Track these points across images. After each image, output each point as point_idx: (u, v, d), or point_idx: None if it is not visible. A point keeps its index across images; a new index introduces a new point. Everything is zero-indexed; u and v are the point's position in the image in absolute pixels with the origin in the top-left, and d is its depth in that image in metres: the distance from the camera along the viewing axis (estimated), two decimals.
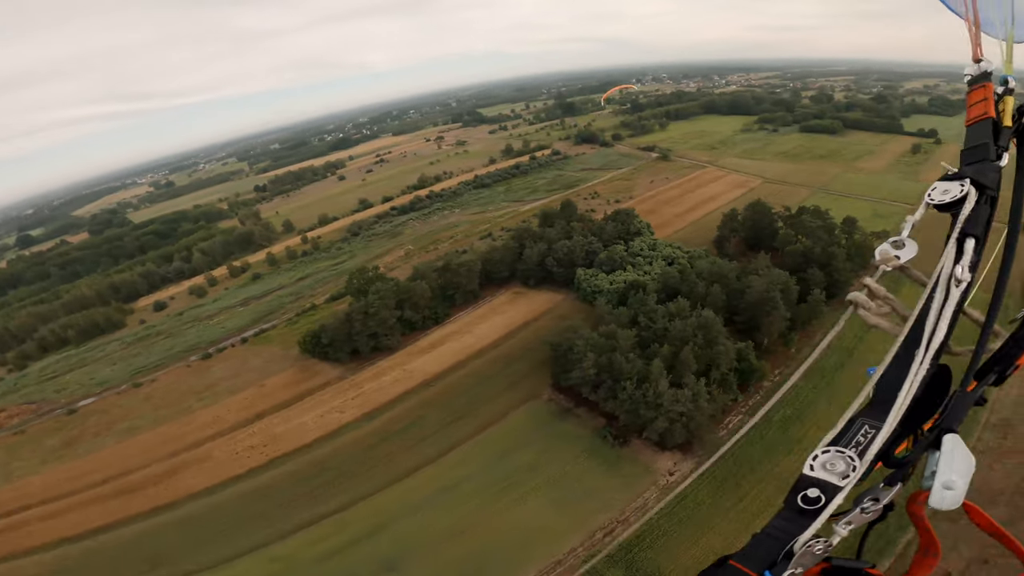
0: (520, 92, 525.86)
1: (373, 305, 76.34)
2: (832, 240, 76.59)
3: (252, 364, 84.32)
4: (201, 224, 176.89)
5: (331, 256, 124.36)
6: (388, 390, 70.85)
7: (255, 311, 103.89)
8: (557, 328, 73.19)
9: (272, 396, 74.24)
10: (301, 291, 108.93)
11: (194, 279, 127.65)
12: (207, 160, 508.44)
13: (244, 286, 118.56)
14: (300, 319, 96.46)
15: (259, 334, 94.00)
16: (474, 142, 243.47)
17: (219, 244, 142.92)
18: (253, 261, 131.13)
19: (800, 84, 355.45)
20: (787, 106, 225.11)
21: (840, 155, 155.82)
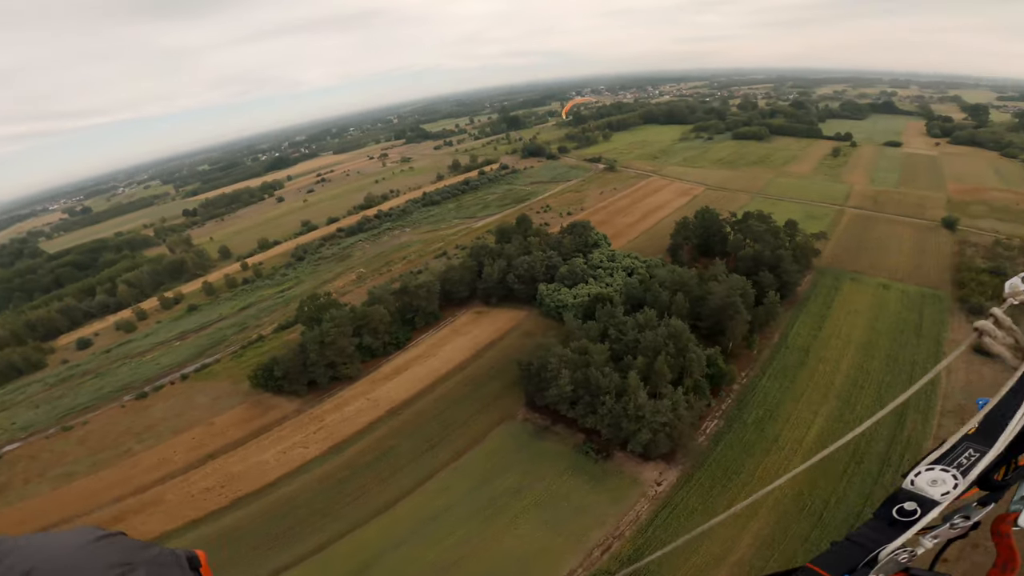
0: (462, 107, 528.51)
1: (329, 333, 72.16)
2: (779, 243, 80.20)
3: (197, 402, 77.70)
4: (125, 253, 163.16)
5: (276, 283, 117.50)
6: (353, 421, 67.06)
7: (195, 345, 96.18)
8: (524, 346, 72.22)
9: (223, 435, 68.72)
10: (245, 321, 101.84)
11: (121, 313, 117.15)
12: (127, 183, 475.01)
13: (179, 319, 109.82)
14: (247, 351, 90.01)
15: (201, 369, 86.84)
16: (420, 158, 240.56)
17: (147, 274, 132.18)
18: (187, 291, 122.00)
19: (727, 93, 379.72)
20: (718, 114, 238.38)
21: (770, 160, 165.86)
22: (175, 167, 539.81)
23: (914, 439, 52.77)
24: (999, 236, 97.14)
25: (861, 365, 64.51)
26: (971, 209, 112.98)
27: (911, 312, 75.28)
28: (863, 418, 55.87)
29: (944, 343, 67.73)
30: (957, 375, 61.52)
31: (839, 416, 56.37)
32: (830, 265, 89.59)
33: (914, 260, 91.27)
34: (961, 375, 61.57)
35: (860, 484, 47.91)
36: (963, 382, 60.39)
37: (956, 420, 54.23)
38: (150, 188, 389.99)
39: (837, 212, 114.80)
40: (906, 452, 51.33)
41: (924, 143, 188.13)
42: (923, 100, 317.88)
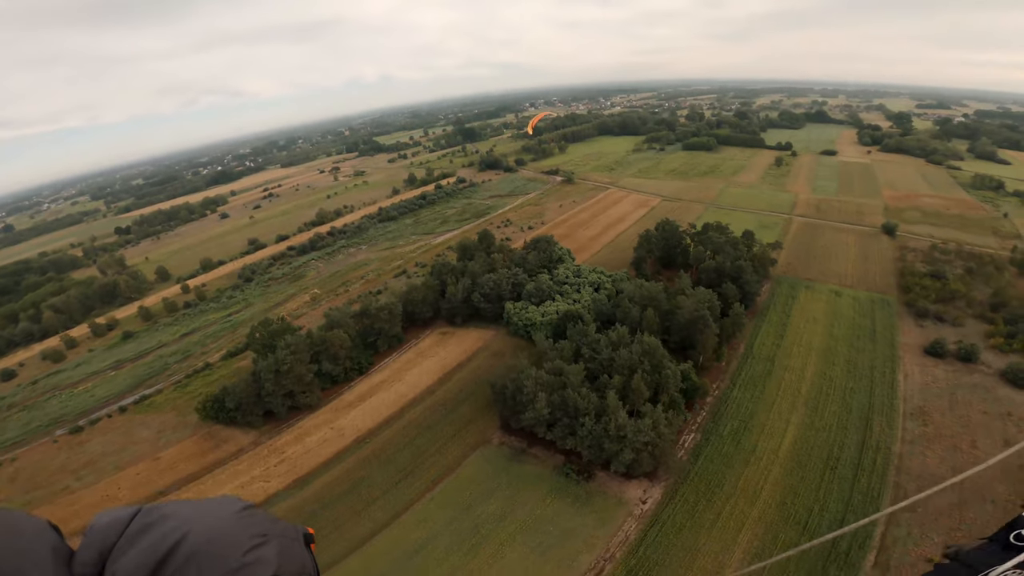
0: (416, 119, 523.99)
1: (284, 361, 67.30)
2: (738, 254, 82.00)
3: (139, 435, 71.24)
4: (50, 275, 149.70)
5: (222, 306, 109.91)
6: (317, 452, 62.87)
7: (133, 375, 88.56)
8: (494, 367, 70.39)
9: (173, 470, 63.32)
10: (189, 349, 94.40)
11: (47, 341, 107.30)
12: (53, 199, 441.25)
13: (113, 346, 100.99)
14: (192, 381, 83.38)
15: (141, 401, 79.90)
16: (373, 172, 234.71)
17: (75, 299, 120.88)
18: (122, 316, 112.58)
19: (674, 104, 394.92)
20: (668, 125, 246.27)
21: (719, 170, 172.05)
22: (106, 182, 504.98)
23: (883, 443, 54.06)
24: (935, 241, 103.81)
25: (824, 372, 66.27)
26: (906, 215, 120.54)
27: (864, 318, 78.47)
28: (831, 425, 57.16)
29: (898, 347, 70.55)
30: (913, 378, 64.36)
31: (810, 423, 57.41)
32: (785, 273, 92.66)
33: (860, 266, 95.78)
34: (917, 378, 64.44)
35: (839, 491, 48.68)
36: (920, 384, 63.28)
37: (919, 422, 56.19)
38: (78, 204, 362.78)
39: (786, 221, 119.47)
40: (877, 456, 52.45)
41: (857, 151, 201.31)
42: (851, 109, 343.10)
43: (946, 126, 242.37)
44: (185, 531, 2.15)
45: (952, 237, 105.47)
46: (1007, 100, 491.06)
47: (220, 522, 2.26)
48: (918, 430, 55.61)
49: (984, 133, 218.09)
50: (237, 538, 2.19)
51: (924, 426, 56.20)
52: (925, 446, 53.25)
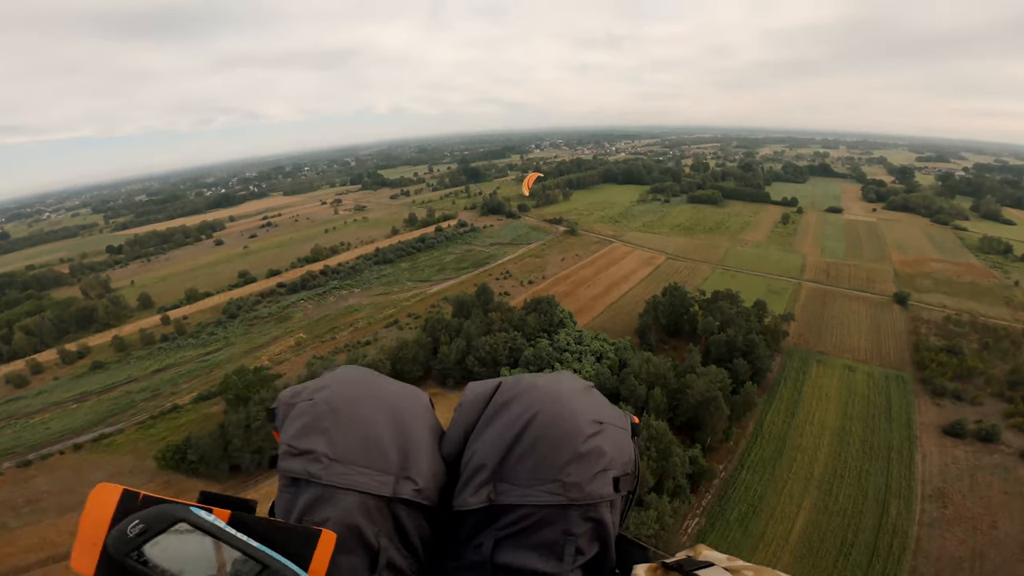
0: (423, 154, 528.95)
1: (257, 417, 61.68)
2: (750, 326, 77.21)
3: (89, 477, 64.58)
4: (30, 292, 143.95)
5: (200, 343, 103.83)
6: None
7: (95, 409, 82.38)
8: None
9: None
10: (159, 386, 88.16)
11: (13, 364, 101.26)
12: (55, 208, 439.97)
13: (80, 376, 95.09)
14: (158, 422, 77.22)
15: (99, 439, 73.80)
16: (375, 208, 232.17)
17: (50, 321, 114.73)
18: (95, 344, 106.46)
19: (678, 152, 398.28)
20: (673, 175, 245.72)
21: (726, 227, 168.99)
22: (110, 195, 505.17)
23: (900, 527, 50.59)
24: (948, 311, 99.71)
25: (838, 453, 61.91)
26: (917, 283, 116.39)
27: (879, 395, 73.68)
28: (846, 509, 52.57)
29: (915, 426, 66.54)
30: (932, 459, 60.56)
31: (823, 507, 53.64)
32: (796, 346, 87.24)
33: (873, 339, 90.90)
34: (936, 459, 60.70)
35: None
36: (939, 465, 59.56)
37: (938, 504, 53.37)
38: (78, 216, 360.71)
39: (795, 287, 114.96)
40: (893, 540, 49.04)
41: (862, 208, 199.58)
42: (853, 162, 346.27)
43: (948, 182, 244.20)
44: (535, 411, 2.10)
45: (965, 308, 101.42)
46: (1004, 152, 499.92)
47: (566, 403, 2.14)
48: (937, 512, 52.48)
49: (987, 190, 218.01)
50: (578, 424, 2.08)
51: (943, 508, 53.12)
52: (944, 528, 50.35)
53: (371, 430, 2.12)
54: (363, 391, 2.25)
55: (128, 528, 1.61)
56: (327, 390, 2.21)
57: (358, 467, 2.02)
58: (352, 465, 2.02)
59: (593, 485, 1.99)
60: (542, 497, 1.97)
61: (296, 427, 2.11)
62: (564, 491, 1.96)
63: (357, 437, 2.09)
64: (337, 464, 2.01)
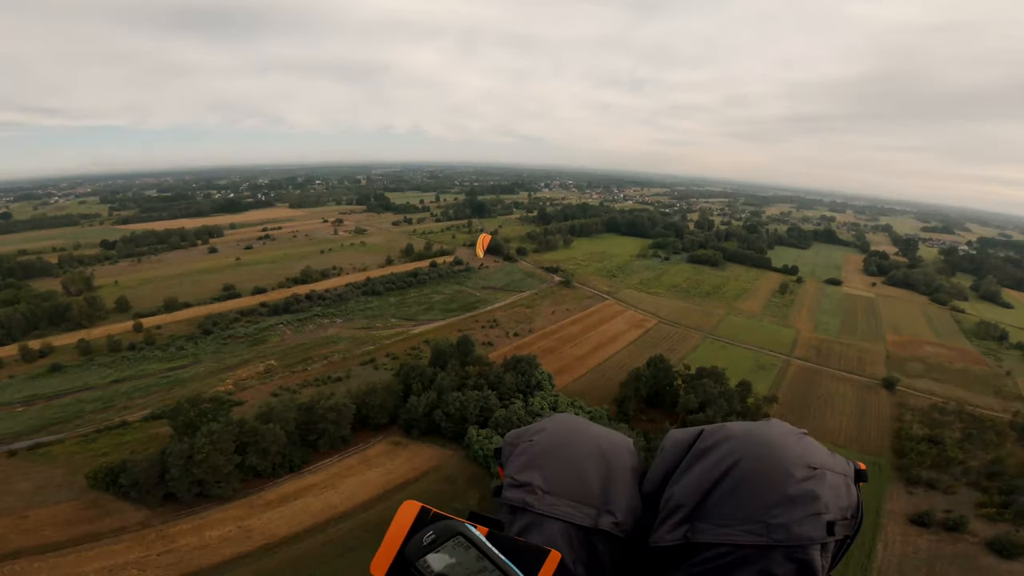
0: (433, 180, 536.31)
1: (202, 450, 58.51)
2: (731, 408, 74.50)
3: (15, 487, 62.13)
4: (10, 282, 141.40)
5: (168, 357, 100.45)
6: (215, 551, 53.32)
7: (40, 415, 79.26)
8: (442, 493, 62.04)
9: (35, 532, 54.38)
10: (113, 398, 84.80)
11: None
12: (65, 193, 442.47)
13: (36, 377, 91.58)
14: (101, 437, 73.71)
15: (36, 447, 70.51)
16: (375, 232, 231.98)
17: (22, 314, 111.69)
18: (60, 344, 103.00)
19: (686, 204, 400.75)
20: (677, 231, 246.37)
21: (723, 292, 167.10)
22: (123, 186, 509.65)
23: None
24: (935, 399, 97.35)
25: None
26: (908, 367, 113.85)
27: None
28: None
29: (883, 514, 64.26)
30: (892, 548, 58.38)
31: None
32: None
33: (856, 424, 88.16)
34: (897, 547, 58.47)
35: None
36: (899, 554, 57.46)
37: None
38: (85, 204, 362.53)
39: (784, 363, 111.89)
40: None
41: (862, 282, 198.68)
42: (859, 229, 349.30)
43: (951, 257, 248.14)
44: (740, 456, 2.20)
45: (953, 395, 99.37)
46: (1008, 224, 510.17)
47: (775, 449, 2.20)
48: None
49: (989, 268, 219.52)
50: (787, 468, 2.12)
51: None
52: None
53: (579, 468, 2.47)
54: (574, 434, 2.65)
55: (424, 537, 2.07)
56: (544, 433, 2.65)
57: (565, 499, 2.36)
58: (560, 497, 2.36)
59: (802, 528, 2.01)
60: (741, 537, 2.04)
61: (518, 464, 2.53)
62: (767, 532, 2.02)
63: (566, 473, 2.45)
64: (548, 496, 2.36)
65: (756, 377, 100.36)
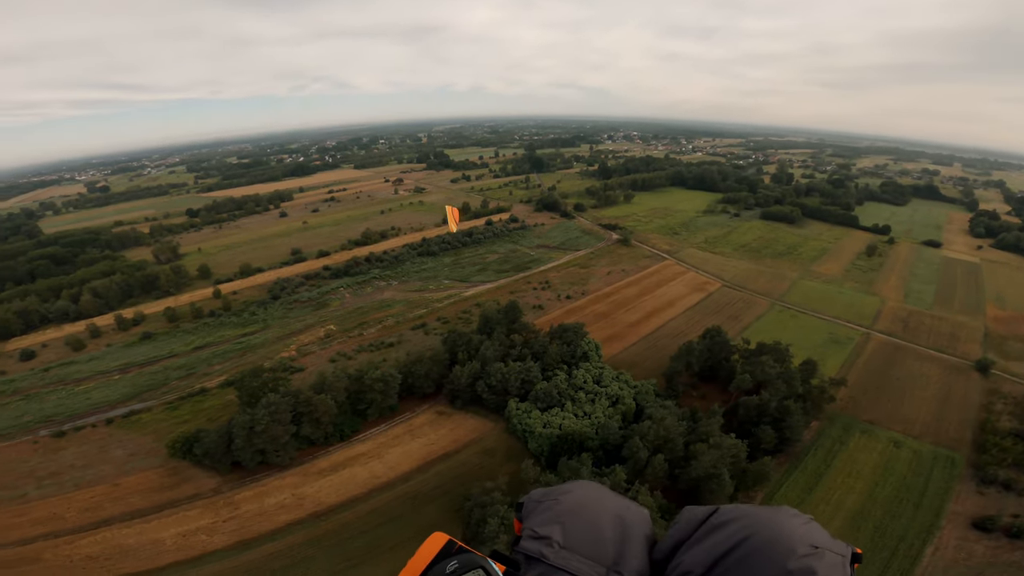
0: (493, 135, 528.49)
1: (261, 421, 62.90)
2: (791, 390, 68.84)
3: (111, 454, 69.53)
4: (107, 253, 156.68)
5: (242, 322, 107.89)
6: (271, 517, 58.10)
7: (133, 382, 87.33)
8: (481, 467, 63.55)
9: (125, 500, 60.98)
10: (195, 365, 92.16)
11: (77, 324, 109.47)
12: (157, 164, 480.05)
13: (130, 345, 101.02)
14: (183, 404, 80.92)
15: (129, 416, 78.17)
16: (434, 191, 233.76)
17: (117, 286, 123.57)
18: (150, 312, 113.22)
19: (762, 156, 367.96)
20: (750, 185, 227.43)
21: (798, 252, 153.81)
22: (207, 154, 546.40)
23: None
24: None
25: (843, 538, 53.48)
26: (1008, 347, 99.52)
27: (918, 477, 64.43)
28: None
29: (944, 516, 58.50)
30: (943, 553, 53.27)
31: None
32: (843, 410, 76.33)
33: (936, 411, 78.45)
34: (948, 553, 53.33)
35: None
36: (949, 560, 52.32)
37: None
38: (174, 173, 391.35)
39: (863, 337, 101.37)
40: None
41: (966, 244, 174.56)
42: (966, 184, 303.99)
43: None
44: (749, 533, 2.44)
45: None
46: None
47: (782, 530, 2.43)
48: None
49: None
50: (794, 546, 2.36)
51: None
52: None
53: (597, 529, 2.75)
54: (597, 500, 2.95)
55: (448, 567, 2.27)
56: (570, 495, 2.97)
57: (579, 556, 2.61)
58: (575, 553, 2.62)
59: None
60: None
61: (541, 518, 2.82)
62: None
63: (585, 532, 2.72)
64: (564, 551, 2.62)
65: (828, 353, 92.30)
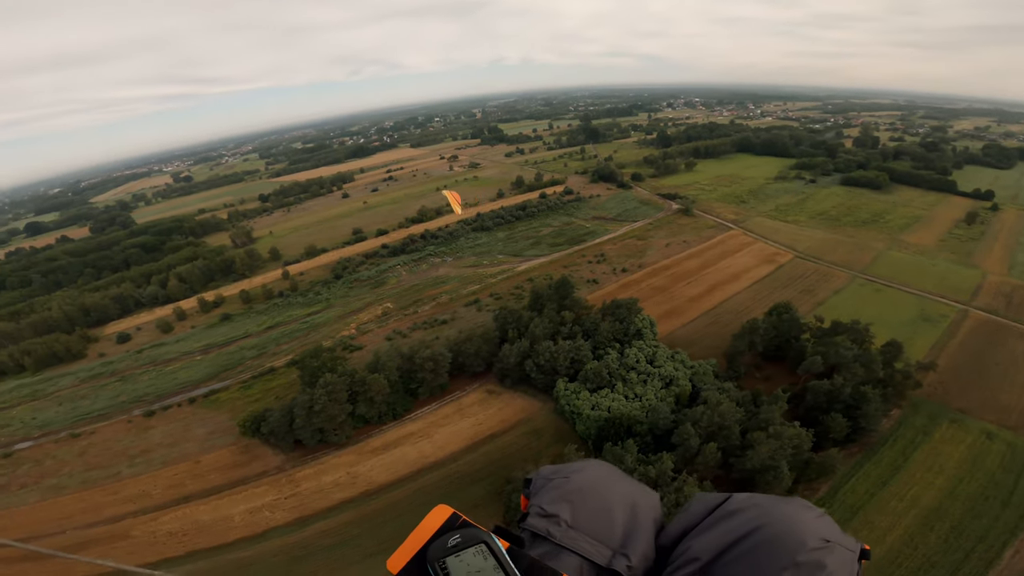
0: (547, 107, 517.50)
1: (319, 401, 65.49)
2: (869, 375, 62.45)
3: (194, 433, 75.01)
4: (190, 240, 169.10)
5: (307, 302, 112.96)
6: (327, 495, 61.01)
7: (213, 363, 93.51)
8: (528, 449, 63.41)
9: (204, 477, 65.82)
10: (265, 345, 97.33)
11: (166, 307, 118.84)
12: (233, 153, 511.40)
13: (212, 327, 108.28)
14: (256, 383, 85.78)
15: (209, 395, 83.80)
16: (488, 166, 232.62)
17: (199, 269, 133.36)
18: (228, 295, 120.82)
19: (842, 119, 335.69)
20: (828, 150, 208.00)
21: (885, 221, 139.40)
22: (275, 141, 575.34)
23: None
24: None
25: (912, 538, 50.24)
26: None
27: (1008, 474, 57.10)
28: None
29: None
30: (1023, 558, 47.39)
31: None
32: (929, 397, 68.29)
33: None
34: None
35: None
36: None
37: None
38: (248, 161, 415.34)
39: (959, 315, 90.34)
40: None
41: None
42: None
43: None
44: (761, 523, 2.42)
45: None
46: None
47: (795, 523, 2.40)
48: None
49: None
50: (805, 539, 2.32)
51: None
52: None
53: (607, 511, 2.73)
54: (610, 481, 2.91)
55: (449, 540, 2.24)
56: (581, 473, 2.91)
57: (587, 536, 2.61)
58: (582, 533, 2.61)
59: None
60: None
61: (550, 496, 2.77)
62: None
63: (594, 513, 2.70)
64: (572, 531, 2.61)
65: (916, 332, 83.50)
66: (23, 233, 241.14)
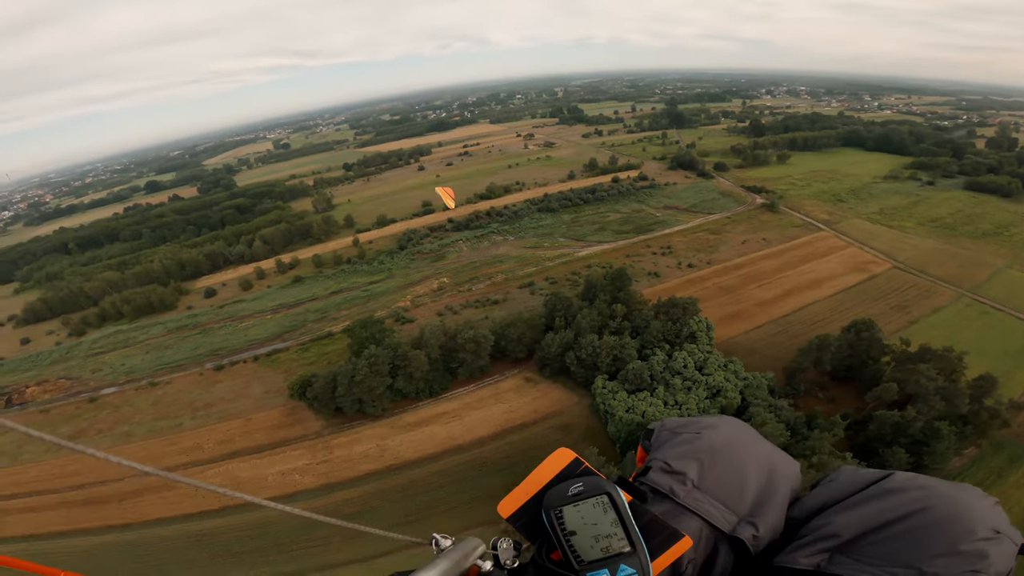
0: (633, 88, 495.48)
1: (361, 371, 67.45)
2: (949, 410, 54.11)
3: (252, 390, 79.73)
4: (278, 204, 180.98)
5: (371, 270, 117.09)
6: (355, 465, 63.18)
7: (280, 323, 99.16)
8: (555, 443, 60.69)
9: (252, 436, 70.00)
10: (328, 309, 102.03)
11: (249, 266, 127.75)
12: (327, 123, 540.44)
13: (284, 287, 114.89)
14: (313, 346, 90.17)
15: (272, 354, 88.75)
16: (564, 146, 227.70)
17: (281, 232, 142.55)
18: (303, 258, 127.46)
19: (977, 116, 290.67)
20: (955, 149, 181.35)
21: (1010, 234, 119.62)
22: (366, 112, 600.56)
23: None
24: None
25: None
26: None
27: None
28: None
29: None
30: None
31: None
32: (1018, 437, 58.08)
33: None
34: None
35: None
36: None
37: None
38: (339, 131, 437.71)
39: None
40: None
41: None
42: None
43: None
44: (927, 505, 2.18)
45: None
46: None
47: (966, 509, 2.16)
48: None
49: None
50: (972, 527, 2.10)
51: None
52: None
53: (741, 474, 2.48)
54: (746, 443, 2.62)
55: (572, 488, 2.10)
56: (715, 430, 2.63)
57: (711, 499, 2.40)
58: (707, 495, 2.40)
59: None
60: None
61: (677, 451, 2.54)
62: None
63: (725, 475, 2.46)
64: (696, 492, 2.41)
65: (1020, 365, 71.06)
66: (143, 190, 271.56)
